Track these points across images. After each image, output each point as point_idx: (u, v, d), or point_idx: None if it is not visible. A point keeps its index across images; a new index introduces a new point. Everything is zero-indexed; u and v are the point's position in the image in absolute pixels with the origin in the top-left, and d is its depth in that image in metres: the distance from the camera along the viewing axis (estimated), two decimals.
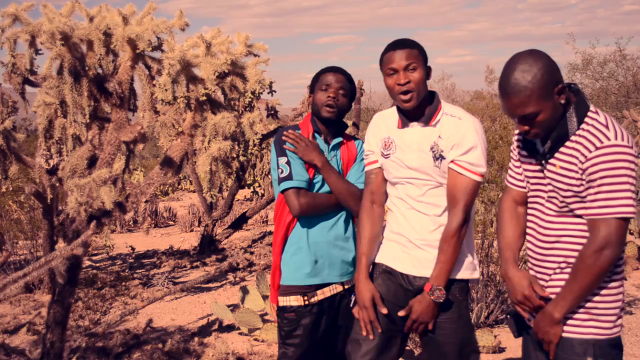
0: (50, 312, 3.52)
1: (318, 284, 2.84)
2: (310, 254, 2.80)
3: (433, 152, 2.53)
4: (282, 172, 2.80)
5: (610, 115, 2.23)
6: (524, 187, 2.38)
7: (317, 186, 2.85)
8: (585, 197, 2.10)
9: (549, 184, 2.20)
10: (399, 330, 2.67)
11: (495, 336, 4.54)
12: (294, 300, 2.80)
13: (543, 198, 2.26)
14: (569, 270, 2.20)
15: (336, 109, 2.83)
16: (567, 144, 2.12)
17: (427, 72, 2.55)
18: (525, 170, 2.34)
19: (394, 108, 2.70)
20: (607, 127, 2.06)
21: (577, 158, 2.09)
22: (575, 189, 2.11)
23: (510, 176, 2.43)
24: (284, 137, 2.85)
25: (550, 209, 2.23)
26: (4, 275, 3.99)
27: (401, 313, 2.60)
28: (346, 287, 2.90)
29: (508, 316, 2.55)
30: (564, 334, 2.19)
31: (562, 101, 2.11)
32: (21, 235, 7.80)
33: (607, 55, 17.38)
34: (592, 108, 2.14)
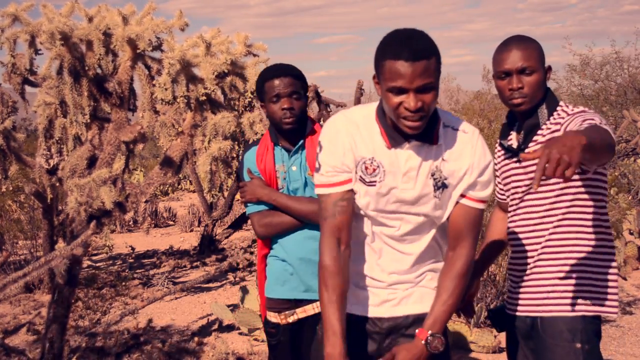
0: (50, 312, 3.51)
1: (298, 300, 2.66)
2: (284, 266, 2.65)
3: (434, 179, 1.96)
4: None
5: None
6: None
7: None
8: None
9: (531, 171, 2.29)
10: None
11: (495, 336, 4.54)
12: (273, 317, 2.69)
13: (519, 192, 2.35)
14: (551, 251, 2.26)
15: (295, 118, 2.56)
16: (539, 132, 2.28)
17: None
18: (505, 177, 2.43)
19: (369, 113, 2.01)
20: (573, 108, 2.28)
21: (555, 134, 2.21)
22: None
23: (498, 192, 2.56)
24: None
25: (536, 199, 2.29)
26: (4, 275, 3.98)
27: None
28: None
29: (489, 313, 2.62)
30: (579, 313, 2.21)
31: (547, 80, 2.31)
32: (21, 235, 7.79)
33: (603, 57, 17.39)
34: (561, 103, 2.33)
